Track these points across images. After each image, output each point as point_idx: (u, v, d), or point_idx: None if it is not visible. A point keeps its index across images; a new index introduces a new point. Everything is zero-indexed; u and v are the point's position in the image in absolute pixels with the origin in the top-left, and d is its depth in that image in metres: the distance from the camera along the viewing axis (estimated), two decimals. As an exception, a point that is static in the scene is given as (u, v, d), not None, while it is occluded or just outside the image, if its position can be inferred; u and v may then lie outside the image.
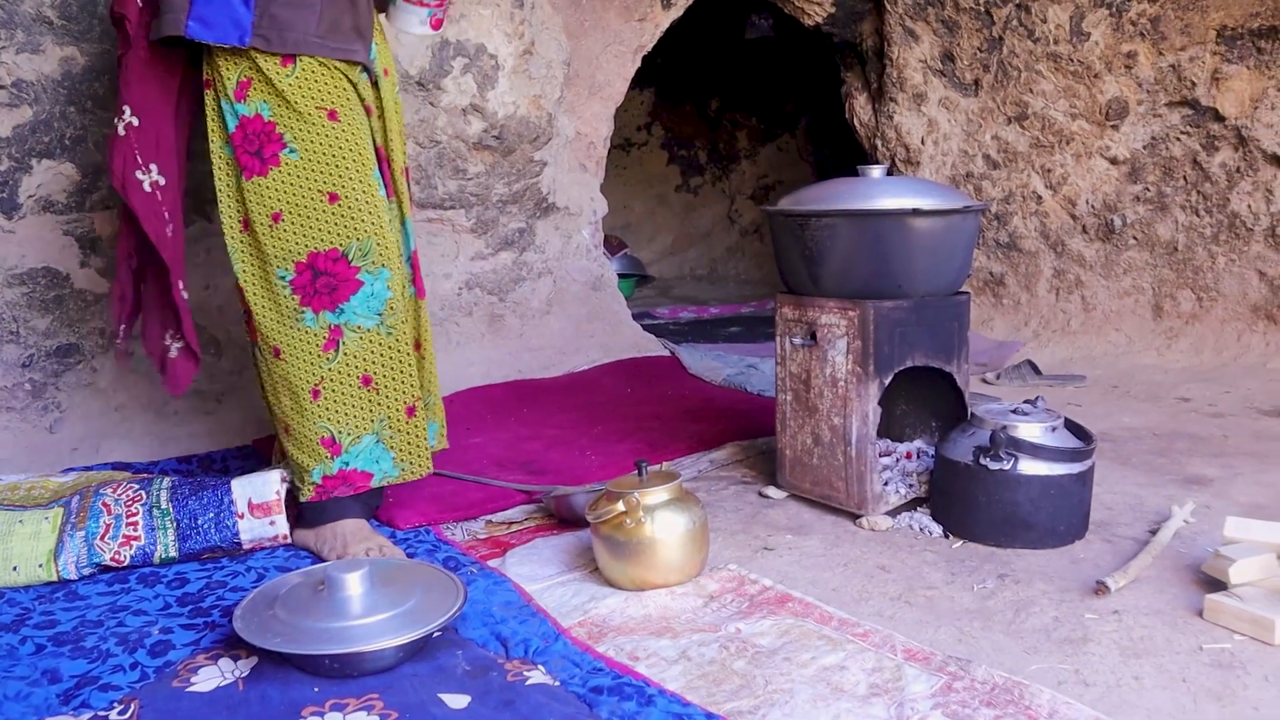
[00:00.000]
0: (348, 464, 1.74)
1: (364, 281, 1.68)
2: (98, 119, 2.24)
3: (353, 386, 1.72)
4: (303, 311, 1.69)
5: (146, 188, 1.70)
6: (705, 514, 1.65)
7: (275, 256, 1.67)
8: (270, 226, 1.67)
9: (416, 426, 1.77)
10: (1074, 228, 3.52)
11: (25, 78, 2.15)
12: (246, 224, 1.68)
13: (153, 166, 1.70)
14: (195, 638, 1.45)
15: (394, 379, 1.74)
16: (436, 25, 1.88)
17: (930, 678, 1.30)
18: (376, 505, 1.92)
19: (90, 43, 2.21)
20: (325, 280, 1.67)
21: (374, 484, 1.77)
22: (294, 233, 1.66)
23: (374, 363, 1.72)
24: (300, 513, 1.80)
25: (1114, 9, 3.23)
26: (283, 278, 1.68)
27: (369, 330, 1.70)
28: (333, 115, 1.66)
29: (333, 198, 1.65)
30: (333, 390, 1.71)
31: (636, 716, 1.20)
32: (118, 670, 1.35)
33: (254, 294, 1.70)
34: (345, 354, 1.70)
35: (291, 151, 1.64)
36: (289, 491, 1.79)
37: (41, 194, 2.22)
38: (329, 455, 1.73)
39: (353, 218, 1.67)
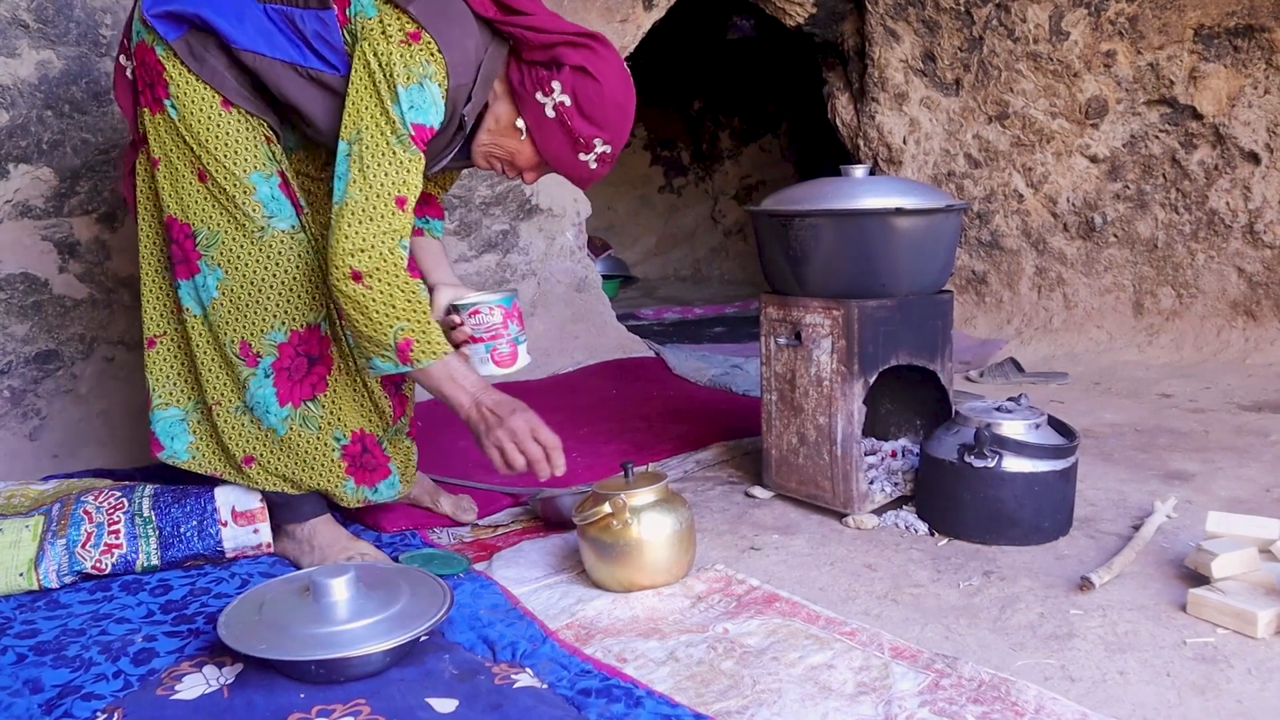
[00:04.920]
0: (151, 424, 1.73)
1: (200, 269, 1.62)
2: (75, 123, 2.22)
3: (182, 356, 1.70)
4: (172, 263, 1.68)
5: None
6: (692, 515, 1.65)
7: (162, 196, 1.64)
8: (149, 169, 1.65)
9: (216, 426, 1.71)
10: (1055, 226, 3.54)
11: (0, 81, 2.13)
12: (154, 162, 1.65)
13: None
14: (179, 645, 1.44)
15: (207, 373, 1.69)
16: (503, 362, 1.70)
17: (918, 675, 1.30)
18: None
19: (67, 46, 2.19)
20: (176, 250, 1.63)
21: (162, 458, 1.74)
22: (165, 188, 1.62)
23: (196, 348, 1.68)
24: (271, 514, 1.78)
25: (1092, 8, 3.26)
26: (159, 217, 1.67)
27: (196, 317, 1.66)
28: (226, 103, 1.58)
29: (201, 175, 1.59)
30: (167, 349, 1.70)
31: (625, 718, 1.20)
32: (101, 679, 1.33)
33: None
34: (186, 325, 1.69)
35: (171, 105, 1.58)
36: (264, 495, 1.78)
37: (19, 199, 2.20)
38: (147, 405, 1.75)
39: (211, 204, 1.60)
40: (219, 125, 1.57)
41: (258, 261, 1.62)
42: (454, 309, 1.73)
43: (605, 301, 3.62)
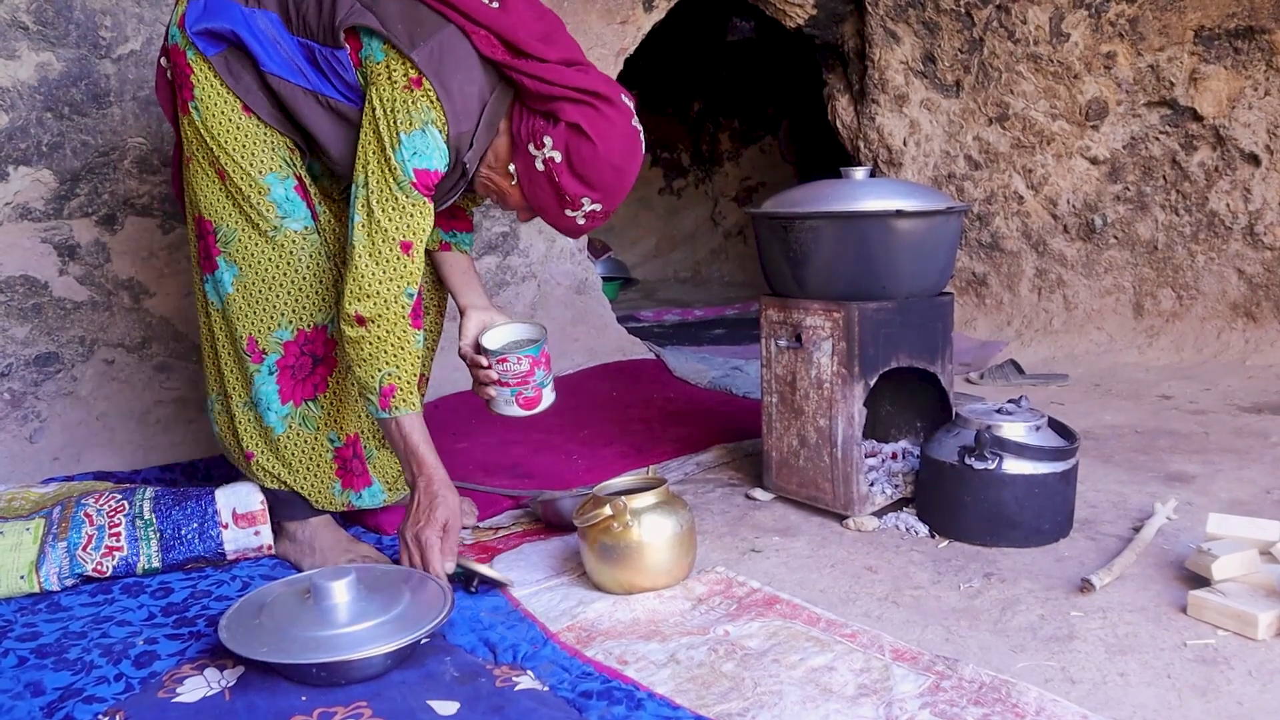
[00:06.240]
0: (210, 409, 1.80)
1: (219, 265, 1.65)
2: (75, 125, 2.23)
3: (211, 346, 1.74)
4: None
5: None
6: (692, 517, 1.65)
7: (189, 194, 1.69)
8: (185, 164, 1.68)
9: (233, 417, 1.73)
10: (1055, 227, 3.54)
11: (0, 84, 2.13)
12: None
13: None
14: (180, 648, 1.44)
15: (224, 366, 1.71)
16: (528, 405, 1.75)
17: (918, 677, 1.30)
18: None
19: (66, 48, 2.19)
20: (201, 245, 1.67)
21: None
22: (192, 185, 1.66)
23: (217, 341, 1.71)
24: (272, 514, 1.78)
25: (1093, 10, 3.26)
26: (190, 211, 1.71)
27: (216, 311, 1.69)
28: (246, 109, 1.61)
29: (221, 175, 1.62)
30: (208, 341, 1.75)
31: (626, 721, 1.20)
32: (102, 682, 1.34)
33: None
34: (210, 318, 1.72)
35: (195, 108, 1.61)
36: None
37: (19, 201, 2.20)
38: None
39: (229, 203, 1.63)
40: (238, 127, 1.60)
41: (270, 260, 1.64)
42: (484, 350, 1.73)
43: (605, 304, 3.63)
